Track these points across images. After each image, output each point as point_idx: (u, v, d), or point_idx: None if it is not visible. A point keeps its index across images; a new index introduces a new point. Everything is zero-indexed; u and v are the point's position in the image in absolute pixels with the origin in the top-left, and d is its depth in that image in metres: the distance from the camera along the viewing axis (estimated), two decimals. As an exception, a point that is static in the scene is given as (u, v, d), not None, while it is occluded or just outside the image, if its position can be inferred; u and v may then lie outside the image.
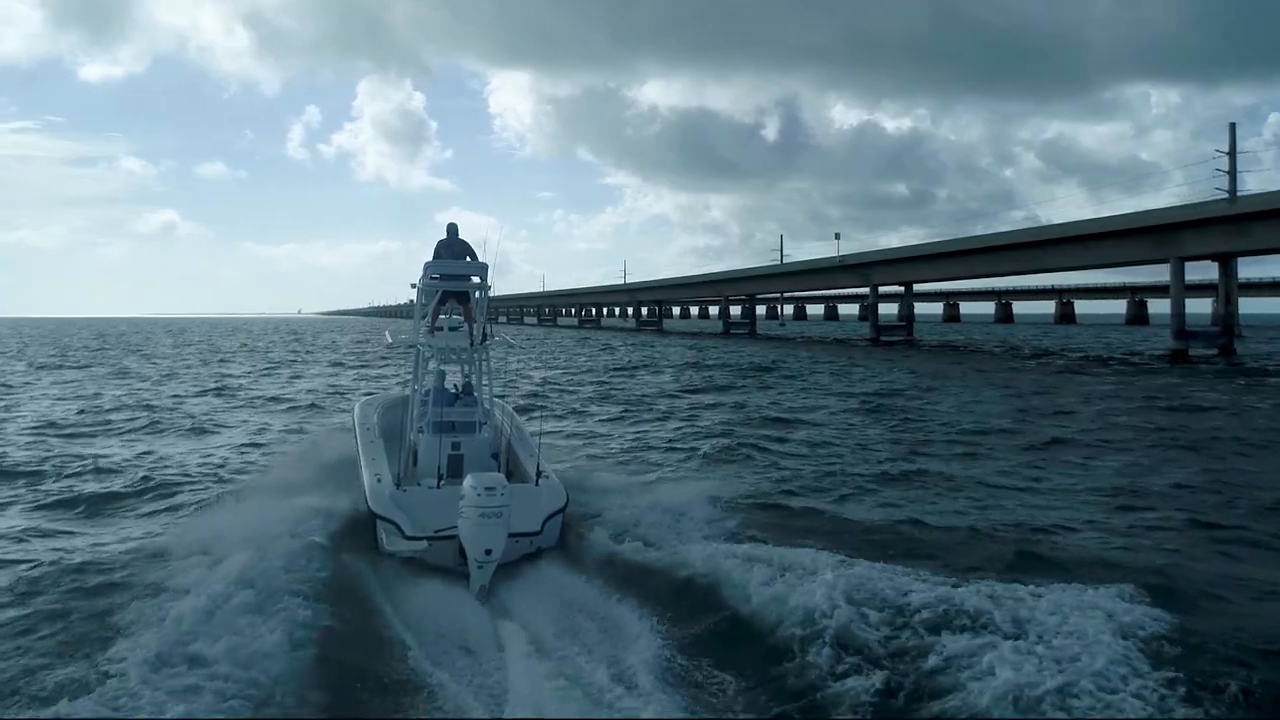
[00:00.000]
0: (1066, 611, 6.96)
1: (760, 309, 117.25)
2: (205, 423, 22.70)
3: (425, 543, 9.14)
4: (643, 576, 8.66)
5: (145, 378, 39.03)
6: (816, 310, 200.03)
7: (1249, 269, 58.15)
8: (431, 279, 11.60)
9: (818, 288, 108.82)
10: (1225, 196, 48.08)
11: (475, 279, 11.77)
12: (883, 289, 79.94)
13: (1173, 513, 12.44)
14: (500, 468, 10.68)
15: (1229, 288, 55.31)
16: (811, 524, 11.36)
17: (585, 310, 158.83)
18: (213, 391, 31.96)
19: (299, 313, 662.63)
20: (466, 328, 11.93)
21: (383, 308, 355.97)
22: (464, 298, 11.97)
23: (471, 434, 11.36)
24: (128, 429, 21.55)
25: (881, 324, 79.75)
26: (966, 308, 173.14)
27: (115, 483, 14.45)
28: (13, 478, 14.88)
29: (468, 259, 11.77)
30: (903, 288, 79.31)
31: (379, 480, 10.09)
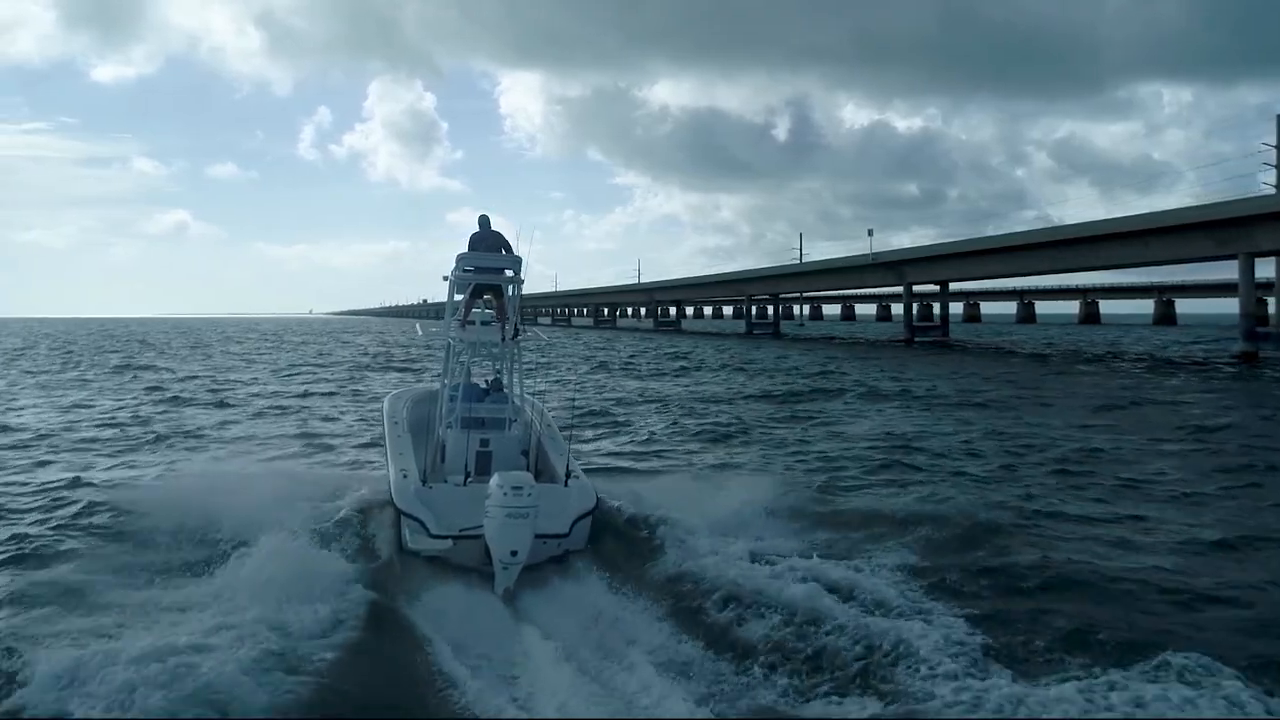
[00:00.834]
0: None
1: (771, 309, 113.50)
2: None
3: (450, 542, 8.94)
4: (675, 583, 8.50)
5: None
6: (831, 310, 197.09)
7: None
8: (464, 271, 11.36)
9: (847, 287, 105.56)
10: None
11: (509, 272, 11.55)
12: (915, 288, 77.17)
13: None
14: (529, 466, 10.59)
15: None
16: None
17: (600, 310, 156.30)
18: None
19: (310, 313, 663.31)
20: (498, 322, 11.72)
21: (394, 308, 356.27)
22: (497, 291, 11.75)
23: (501, 431, 11.21)
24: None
25: (915, 324, 76.92)
26: (986, 308, 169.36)
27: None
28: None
29: (501, 252, 11.57)
30: (938, 286, 76.53)
31: (404, 476, 9.96)
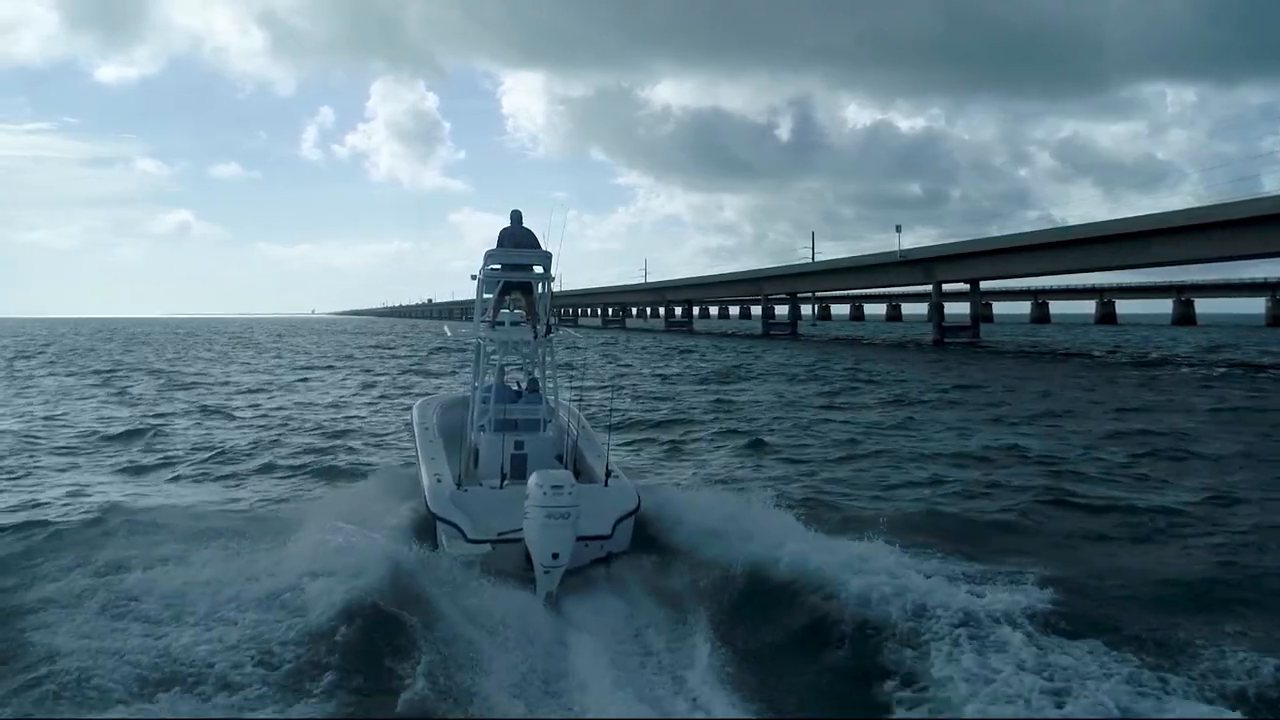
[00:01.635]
0: None
1: (780, 309, 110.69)
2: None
3: (488, 546, 8.66)
4: (722, 585, 8.27)
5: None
6: (839, 310, 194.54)
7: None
8: (492, 269, 11.08)
9: (872, 286, 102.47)
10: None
11: (538, 268, 11.22)
12: (918, 288, 74.31)
13: None
14: (566, 469, 10.07)
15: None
16: None
17: (609, 310, 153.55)
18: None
19: (312, 313, 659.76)
20: (528, 321, 11.38)
21: (397, 308, 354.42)
22: (527, 289, 11.37)
23: (535, 432, 10.98)
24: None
25: (945, 324, 74.26)
26: (996, 308, 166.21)
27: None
28: None
29: (533, 249, 11.22)
30: (968, 285, 73.82)
31: (439, 481, 9.77)
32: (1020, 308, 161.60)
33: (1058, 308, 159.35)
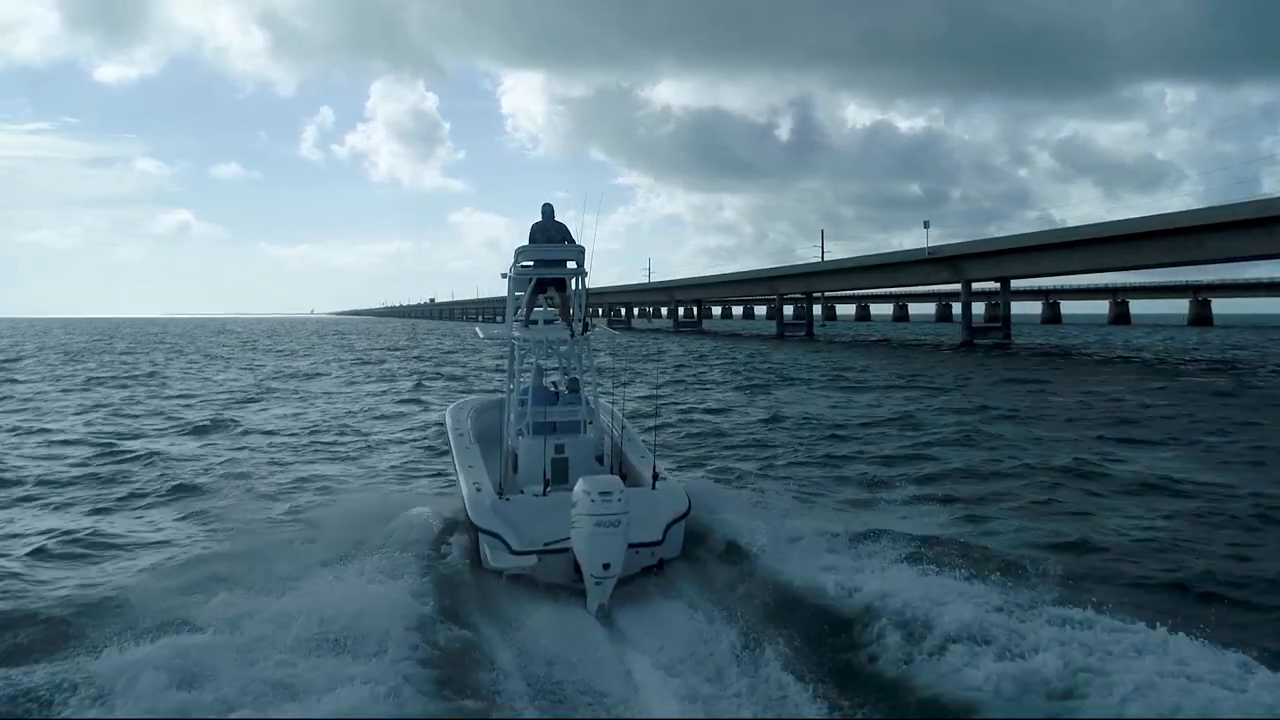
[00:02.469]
0: None
1: (787, 309, 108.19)
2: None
3: (535, 558, 8.27)
4: (780, 593, 7.65)
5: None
6: (845, 310, 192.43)
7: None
8: (524, 266, 10.78)
9: (893, 284, 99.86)
10: None
11: (571, 264, 10.83)
12: (923, 288, 72.06)
13: None
14: (610, 471, 9.93)
15: None
16: None
17: (614, 310, 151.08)
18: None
19: (311, 313, 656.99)
20: (561, 319, 11.10)
21: (397, 308, 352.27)
22: (560, 285, 11.03)
23: (575, 435, 10.59)
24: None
25: (975, 325, 72.02)
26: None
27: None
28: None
29: (565, 244, 10.91)
30: (998, 283, 71.50)
31: (478, 490, 9.44)
32: (1028, 308, 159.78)
33: (1068, 308, 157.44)
